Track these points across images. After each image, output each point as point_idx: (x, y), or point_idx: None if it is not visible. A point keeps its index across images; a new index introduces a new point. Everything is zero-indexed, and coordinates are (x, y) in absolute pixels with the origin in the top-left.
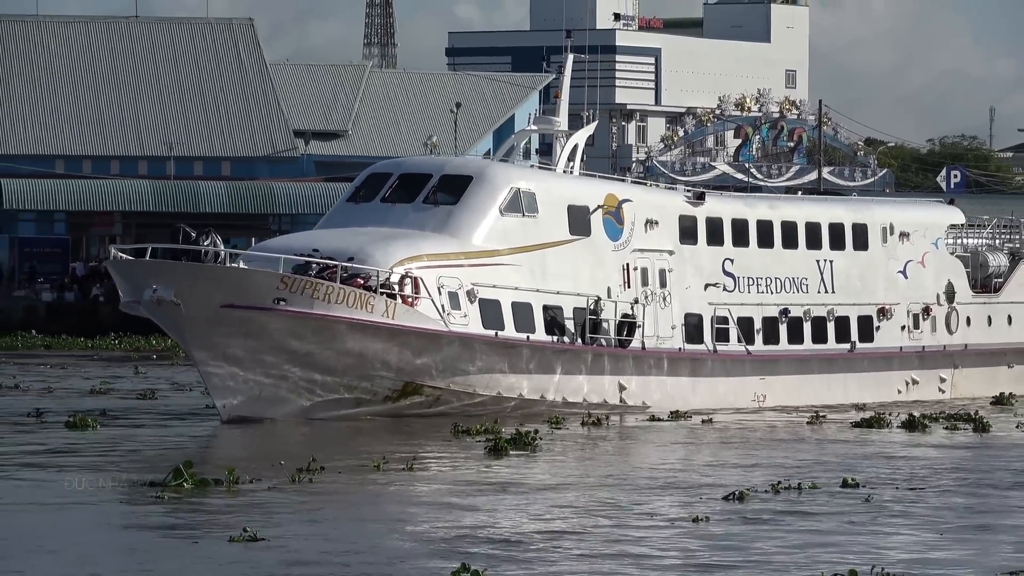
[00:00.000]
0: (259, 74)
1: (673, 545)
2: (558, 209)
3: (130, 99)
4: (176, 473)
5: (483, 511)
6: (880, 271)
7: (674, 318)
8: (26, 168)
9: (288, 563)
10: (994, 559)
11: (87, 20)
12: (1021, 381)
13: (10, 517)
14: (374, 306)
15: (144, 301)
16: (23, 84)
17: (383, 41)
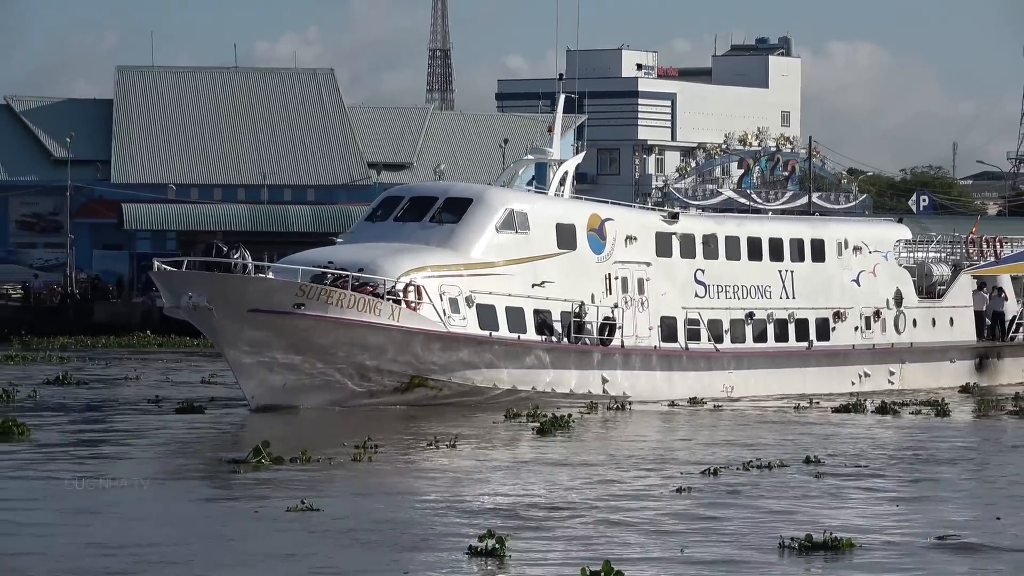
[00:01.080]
0: (339, 115)
1: (655, 514)
2: (547, 227)
3: (230, 136)
4: (255, 451)
5: (517, 484)
6: (836, 279)
7: (651, 320)
8: (143, 195)
9: (335, 530)
10: (927, 527)
11: (195, 70)
12: (962, 374)
13: (109, 490)
14: (381, 310)
15: (182, 306)
16: (141, 124)
17: (443, 87)
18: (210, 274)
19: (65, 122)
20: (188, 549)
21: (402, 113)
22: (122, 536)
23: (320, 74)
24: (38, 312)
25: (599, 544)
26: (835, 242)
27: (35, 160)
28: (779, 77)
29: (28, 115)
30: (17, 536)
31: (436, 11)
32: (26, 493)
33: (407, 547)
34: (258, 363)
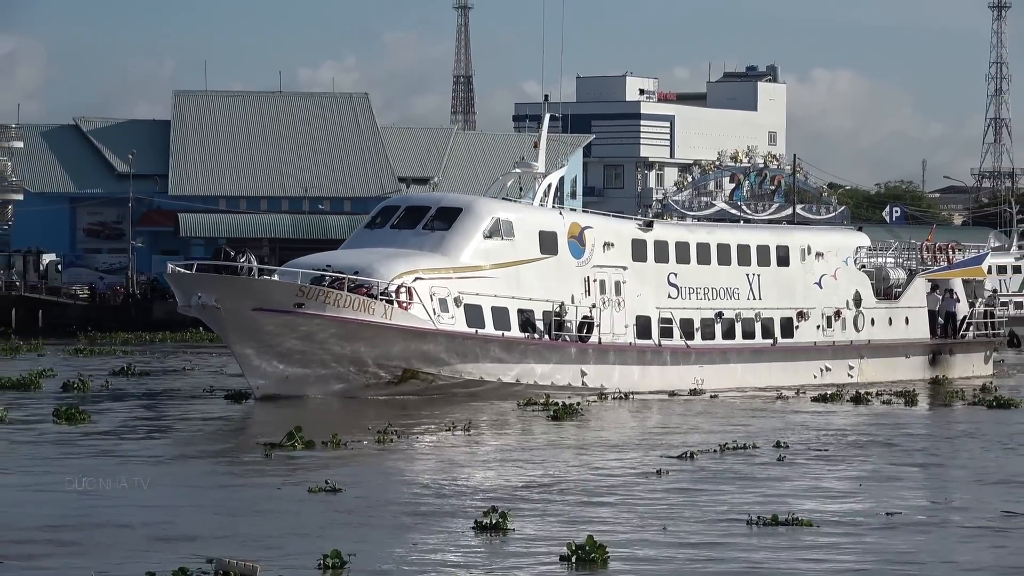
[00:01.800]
0: (372, 134)
1: (632, 494)
2: (531, 234)
3: (275, 153)
4: (289, 435)
5: (522, 465)
6: (799, 282)
7: (627, 319)
8: (197, 206)
9: (353, 509)
10: (880, 506)
11: (243, 94)
12: (916, 368)
13: (155, 466)
14: (374, 309)
15: (192, 305)
16: (195, 142)
17: (465, 110)
18: (217, 276)
19: (127, 140)
20: (202, 523)
21: (428, 133)
22: (140, 514)
23: (356, 98)
24: (103, 311)
25: (590, 520)
26: (799, 249)
27: (101, 174)
28: (767, 101)
29: (94, 134)
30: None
31: (460, 42)
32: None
33: (418, 523)
34: (262, 357)
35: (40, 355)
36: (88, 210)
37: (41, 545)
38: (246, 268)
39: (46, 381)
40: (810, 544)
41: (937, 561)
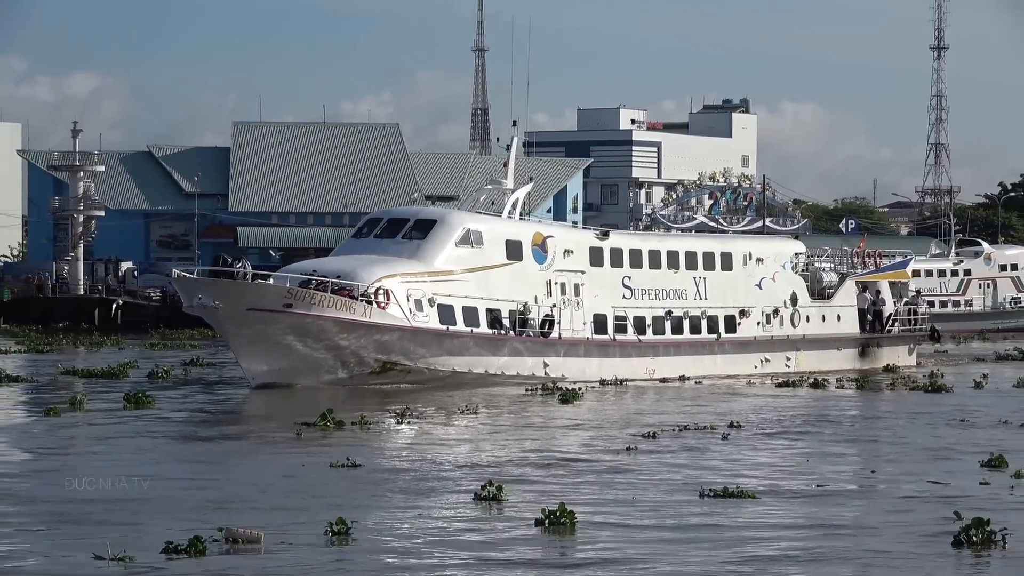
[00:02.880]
0: (402, 158)
1: (614, 466)
2: (498, 242)
3: (320, 175)
4: (322, 416)
5: (519, 442)
6: (741, 284)
7: (585, 317)
8: (253, 220)
9: (369, 481)
10: (814, 478)
11: (293, 125)
12: (847, 359)
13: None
14: (355, 309)
15: (194, 305)
16: (252, 166)
17: (482, 138)
18: (216, 280)
19: (193, 164)
20: (230, 494)
21: (451, 157)
22: (171, 488)
23: (388, 127)
24: (173, 310)
25: (571, 490)
26: (741, 255)
27: (170, 194)
28: (740, 129)
29: (165, 159)
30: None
31: (477, 80)
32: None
33: (424, 494)
34: (255, 351)
35: (120, 348)
36: (159, 224)
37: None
38: (242, 273)
39: (132, 371)
40: (751, 512)
41: (860, 527)
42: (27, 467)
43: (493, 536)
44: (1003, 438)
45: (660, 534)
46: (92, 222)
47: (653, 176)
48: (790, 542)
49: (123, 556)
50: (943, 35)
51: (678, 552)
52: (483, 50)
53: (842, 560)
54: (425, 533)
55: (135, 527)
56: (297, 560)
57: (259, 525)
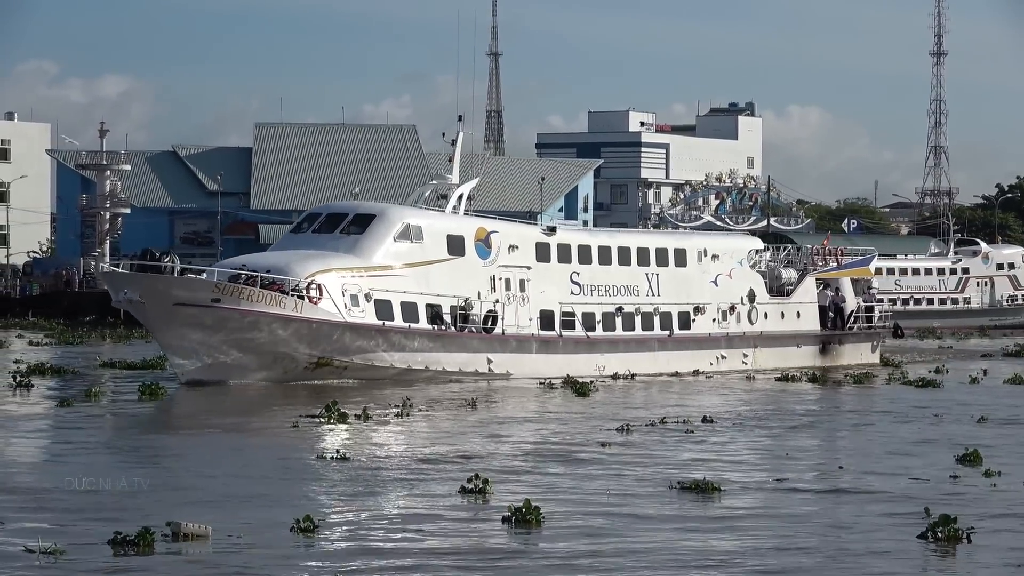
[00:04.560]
0: (418, 157)
1: (579, 460)
2: (439, 237)
3: (339, 174)
4: (327, 408)
5: (519, 434)
6: (696, 281)
7: (531, 313)
8: (275, 218)
9: (355, 467)
10: (778, 472)
11: (312, 126)
12: (806, 356)
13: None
14: (285, 304)
15: (120, 300)
16: (273, 165)
17: (496, 139)
18: (141, 274)
19: (216, 164)
20: (209, 488)
21: (465, 158)
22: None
23: (405, 128)
24: None
25: (547, 486)
26: (696, 251)
27: (194, 192)
28: (746, 132)
29: (189, 159)
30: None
31: (492, 83)
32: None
33: (409, 487)
34: (183, 346)
35: (148, 342)
36: (184, 222)
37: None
38: (170, 268)
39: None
40: (715, 504)
41: (827, 522)
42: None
43: (459, 533)
44: (982, 434)
45: (628, 522)
46: (118, 219)
47: (661, 177)
48: (755, 536)
49: (54, 549)
50: (942, 41)
51: (651, 547)
52: (497, 54)
53: (804, 552)
54: (387, 530)
55: (99, 521)
56: (235, 558)
57: (233, 519)
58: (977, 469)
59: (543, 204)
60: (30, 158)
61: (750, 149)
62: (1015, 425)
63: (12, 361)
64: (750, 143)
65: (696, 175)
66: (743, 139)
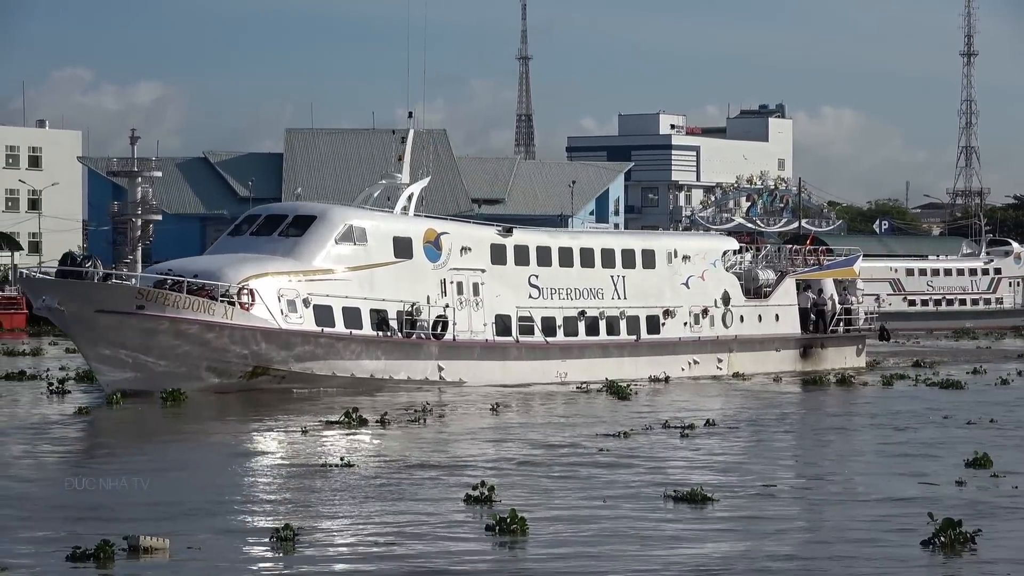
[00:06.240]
0: (449, 162)
1: (582, 464)
2: (384, 239)
3: (368, 179)
4: (346, 414)
5: (526, 440)
6: (666, 283)
7: (485, 317)
8: None
9: (353, 483)
10: (768, 473)
11: (342, 131)
12: (786, 361)
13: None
14: (215, 310)
15: (40, 307)
16: (303, 171)
17: (527, 142)
18: (60, 280)
19: (248, 170)
20: (200, 496)
21: (496, 162)
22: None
23: (435, 133)
24: None
25: (541, 493)
26: (665, 252)
27: (225, 198)
28: (776, 133)
29: (220, 165)
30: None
31: (522, 87)
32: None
33: (415, 495)
34: (107, 355)
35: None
36: (215, 228)
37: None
38: (91, 273)
39: None
40: (705, 513)
41: (832, 528)
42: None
43: (438, 543)
44: (991, 437)
45: (618, 534)
46: (150, 226)
47: (692, 179)
48: (751, 544)
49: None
50: (972, 42)
51: (639, 555)
52: (527, 58)
53: (801, 561)
54: (366, 543)
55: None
56: (191, 568)
57: (211, 529)
58: (987, 471)
59: (574, 207)
60: (62, 165)
61: (781, 151)
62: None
63: (59, 368)
64: (781, 145)
65: (727, 177)
66: (774, 141)
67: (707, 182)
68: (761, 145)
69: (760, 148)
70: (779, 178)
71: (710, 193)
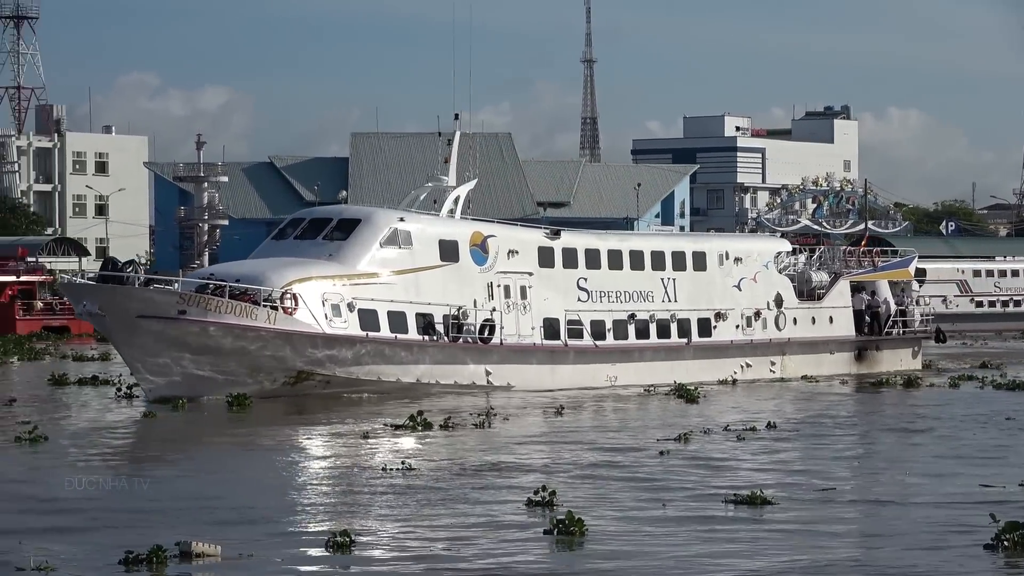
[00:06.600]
0: (514, 166)
1: (643, 467)
2: (430, 242)
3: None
4: (411, 418)
5: (597, 443)
6: (717, 285)
7: (533, 321)
8: None
9: (421, 480)
10: (829, 475)
11: (407, 135)
12: (841, 363)
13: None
14: (257, 315)
15: (81, 312)
16: (368, 174)
17: (592, 145)
18: (101, 285)
19: (313, 174)
20: (258, 500)
21: (561, 165)
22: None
23: (500, 136)
24: None
25: (596, 496)
26: (716, 254)
27: (291, 202)
28: (841, 135)
29: (286, 169)
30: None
31: (587, 90)
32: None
33: (477, 498)
34: (150, 361)
35: None
36: None
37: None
38: (132, 278)
39: None
40: (766, 517)
41: (893, 532)
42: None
43: (496, 547)
44: None
45: (673, 538)
46: (216, 231)
47: (758, 181)
48: (807, 549)
49: (45, 565)
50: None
51: (697, 559)
52: (591, 61)
53: (867, 564)
54: (423, 547)
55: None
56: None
57: (268, 533)
58: None
59: (639, 210)
60: (128, 171)
61: (846, 152)
62: None
63: (129, 373)
64: (846, 146)
65: (792, 179)
66: (839, 142)
67: (773, 184)
68: (827, 146)
69: (826, 150)
70: (845, 180)
71: (776, 195)
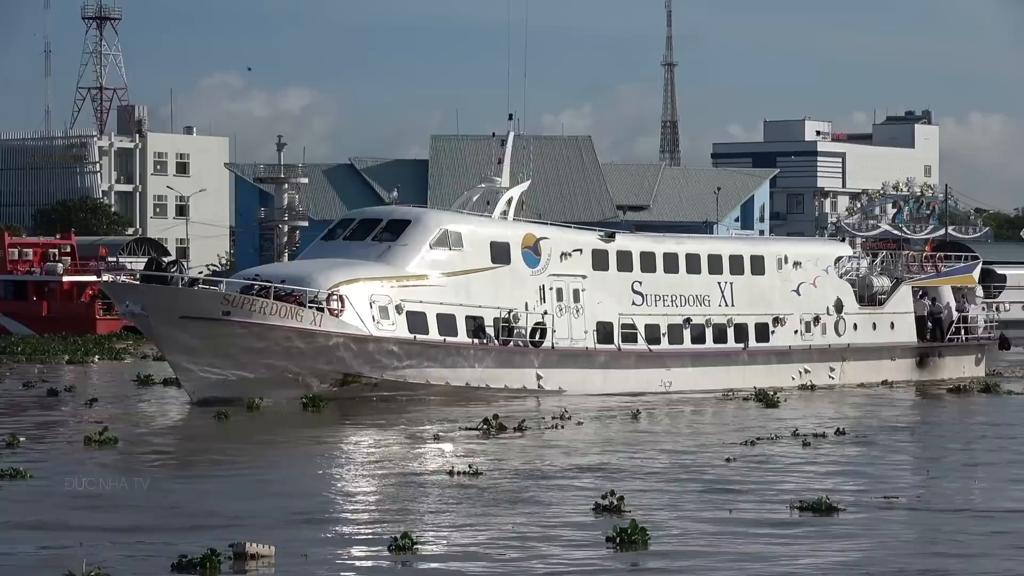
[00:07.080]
0: (594, 169)
1: (711, 470)
2: (481, 244)
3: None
4: (485, 421)
5: (667, 447)
6: (776, 290)
7: (586, 325)
8: None
9: (486, 484)
10: (896, 482)
11: (486, 137)
12: (902, 369)
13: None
14: (303, 316)
15: (124, 313)
16: (448, 177)
17: (672, 149)
18: (144, 285)
19: (393, 176)
20: (311, 500)
21: (641, 168)
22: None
23: (580, 140)
24: None
25: (663, 502)
26: (775, 258)
27: (370, 203)
28: (922, 140)
29: (366, 171)
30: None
31: (667, 94)
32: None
33: (544, 502)
34: (193, 362)
35: None
36: None
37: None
38: (176, 278)
39: None
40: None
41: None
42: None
43: (557, 553)
44: None
45: (735, 546)
46: (296, 232)
47: (838, 186)
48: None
49: (97, 572)
50: None
51: (762, 566)
52: (672, 65)
53: (930, 571)
54: (484, 551)
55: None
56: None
57: (327, 536)
58: None
59: (719, 214)
60: (209, 172)
61: (927, 157)
62: None
63: None
64: (927, 151)
65: (873, 184)
66: (920, 147)
67: (853, 188)
68: (907, 151)
69: (906, 154)
70: (925, 185)
71: (856, 200)
